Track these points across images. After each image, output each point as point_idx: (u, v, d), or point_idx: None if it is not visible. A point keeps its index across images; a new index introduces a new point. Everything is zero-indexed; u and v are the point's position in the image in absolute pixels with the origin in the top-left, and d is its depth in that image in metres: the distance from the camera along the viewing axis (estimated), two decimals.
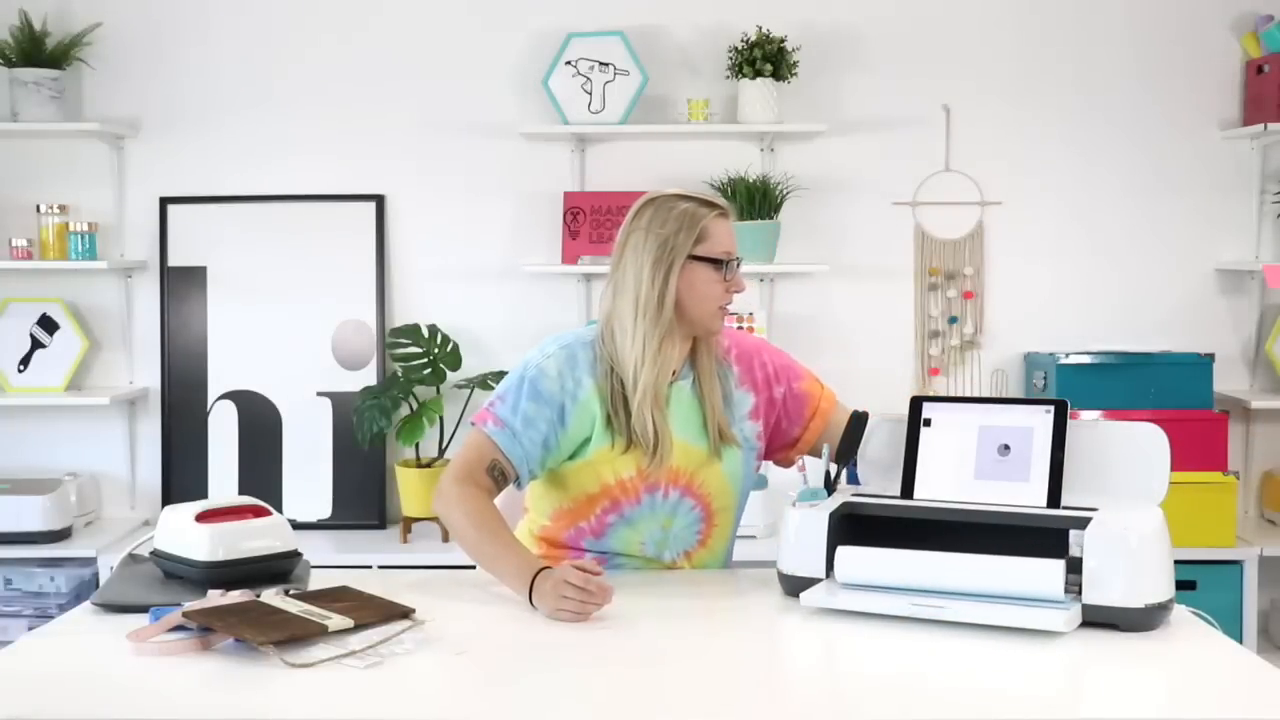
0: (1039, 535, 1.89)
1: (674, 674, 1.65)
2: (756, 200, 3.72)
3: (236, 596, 1.82)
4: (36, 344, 3.91)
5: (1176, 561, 1.83)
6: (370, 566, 3.42)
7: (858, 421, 2.09)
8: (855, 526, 1.98)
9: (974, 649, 1.68)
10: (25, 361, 3.91)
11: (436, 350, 3.80)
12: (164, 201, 3.94)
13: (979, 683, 1.58)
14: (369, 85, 3.93)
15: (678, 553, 2.26)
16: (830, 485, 2.01)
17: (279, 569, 2.00)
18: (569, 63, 3.79)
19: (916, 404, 2.04)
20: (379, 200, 3.94)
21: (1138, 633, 1.76)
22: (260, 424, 3.93)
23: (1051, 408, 1.96)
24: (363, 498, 3.93)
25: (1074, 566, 1.80)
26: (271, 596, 1.83)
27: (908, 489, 1.99)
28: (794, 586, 1.93)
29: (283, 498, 3.90)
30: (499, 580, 2.06)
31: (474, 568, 2.58)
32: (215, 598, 1.82)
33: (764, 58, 3.72)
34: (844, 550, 1.82)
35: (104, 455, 4.00)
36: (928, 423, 2.02)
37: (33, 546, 3.62)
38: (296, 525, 2.27)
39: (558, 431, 2.19)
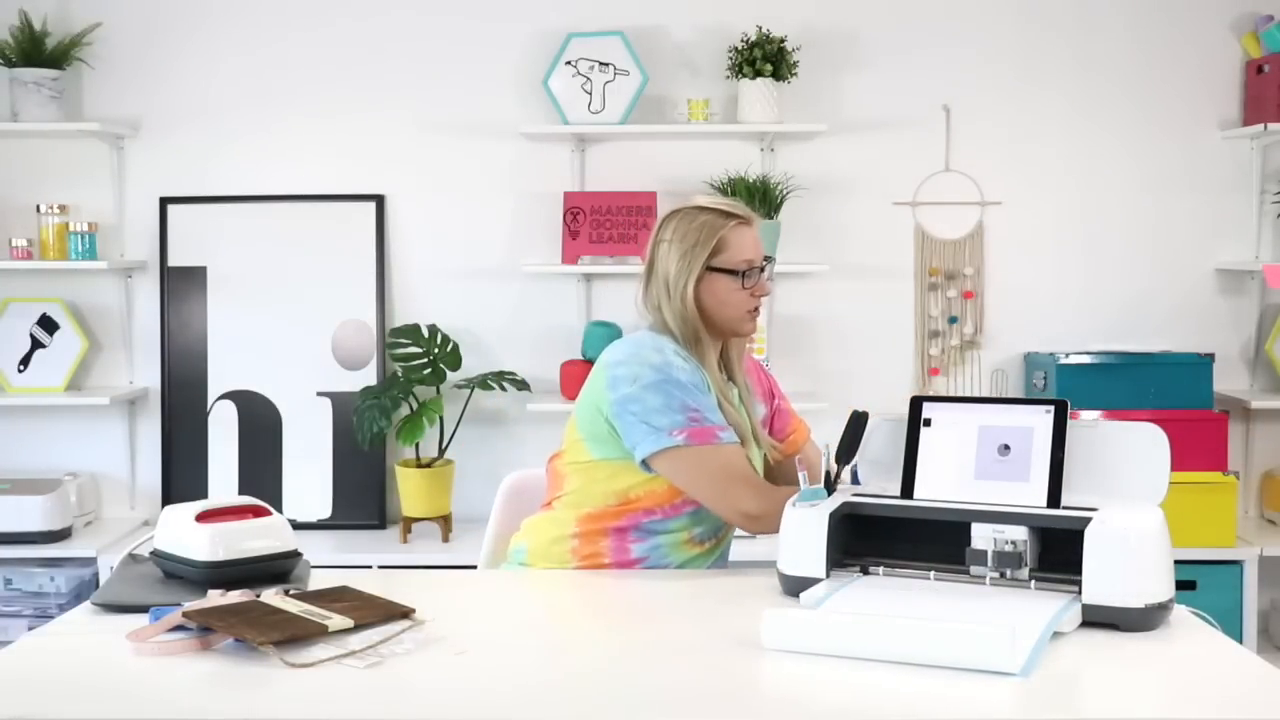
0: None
1: (674, 674, 1.65)
2: (756, 200, 3.71)
3: (236, 596, 1.82)
4: (36, 344, 3.91)
5: (1176, 561, 1.83)
6: (370, 566, 3.42)
7: (857, 421, 2.09)
8: (855, 526, 1.98)
9: None
10: (25, 361, 3.91)
11: (436, 350, 3.80)
12: (164, 201, 3.95)
13: (978, 681, 1.58)
14: (369, 85, 3.93)
15: (710, 538, 2.29)
16: (830, 485, 2.01)
17: (279, 569, 2.00)
18: (569, 63, 3.79)
19: (916, 404, 2.04)
20: (379, 200, 3.94)
21: (1138, 633, 1.75)
22: (260, 424, 3.93)
23: (1051, 408, 1.96)
24: (363, 498, 3.93)
25: (1074, 568, 1.80)
26: (271, 596, 1.82)
27: (908, 489, 1.99)
28: (794, 586, 1.93)
29: (283, 498, 3.90)
30: None
31: (474, 567, 2.60)
32: (215, 598, 1.82)
33: (764, 58, 3.72)
34: (771, 612, 1.72)
35: (104, 455, 4.00)
36: (928, 423, 2.02)
37: (33, 546, 3.62)
38: (296, 525, 2.27)
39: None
